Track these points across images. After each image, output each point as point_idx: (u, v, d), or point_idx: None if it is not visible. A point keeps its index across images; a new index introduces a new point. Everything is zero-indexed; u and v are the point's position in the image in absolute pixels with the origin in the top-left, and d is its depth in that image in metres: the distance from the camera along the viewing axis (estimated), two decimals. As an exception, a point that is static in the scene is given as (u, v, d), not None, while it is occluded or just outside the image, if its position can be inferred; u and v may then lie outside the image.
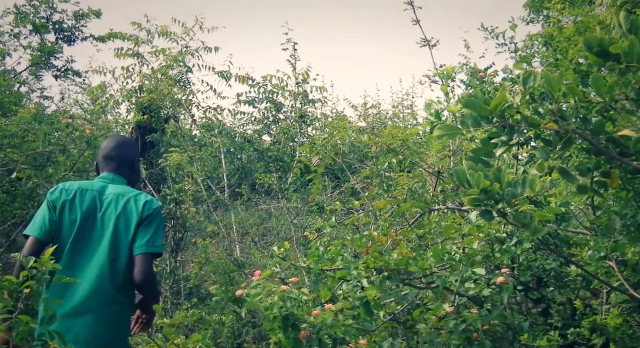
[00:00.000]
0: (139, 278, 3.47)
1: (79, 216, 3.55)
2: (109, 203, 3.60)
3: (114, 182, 3.70)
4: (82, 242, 3.54)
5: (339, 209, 5.76)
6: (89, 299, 3.44)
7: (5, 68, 10.53)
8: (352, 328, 3.16)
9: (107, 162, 3.77)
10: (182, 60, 10.08)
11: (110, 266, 3.50)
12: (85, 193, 3.61)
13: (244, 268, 6.86)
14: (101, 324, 3.46)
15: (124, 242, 3.53)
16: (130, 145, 3.95)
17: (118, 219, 3.56)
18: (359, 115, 12.66)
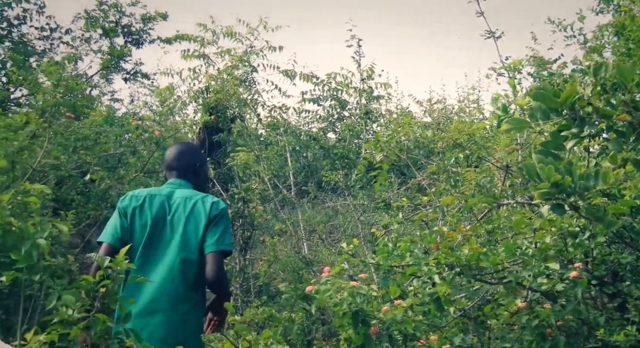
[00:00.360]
0: (210, 276, 3.55)
1: (149, 221, 3.67)
2: (177, 206, 3.71)
3: (180, 187, 3.82)
4: (153, 245, 3.65)
5: (405, 205, 5.74)
6: (161, 298, 3.54)
7: (78, 72, 10.78)
8: (423, 324, 3.15)
9: (171, 172, 3.91)
10: (247, 60, 10.18)
11: (180, 266, 3.60)
12: (154, 199, 3.73)
13: (312, 266, 6.89)
14: (174, 322, 3.55)
15: (193, 242, 3.62)
16: (191, 152, 4.04)
17: (187, 221, 3.66)
18: (424, 110, 12.58)
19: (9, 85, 11.35)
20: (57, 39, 13.35)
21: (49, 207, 6.82)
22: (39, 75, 8.17)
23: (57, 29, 13.33)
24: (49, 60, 9.42)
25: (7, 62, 11.78)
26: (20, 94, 12.23)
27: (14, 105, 11.84)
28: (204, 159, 4.11)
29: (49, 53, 12.96)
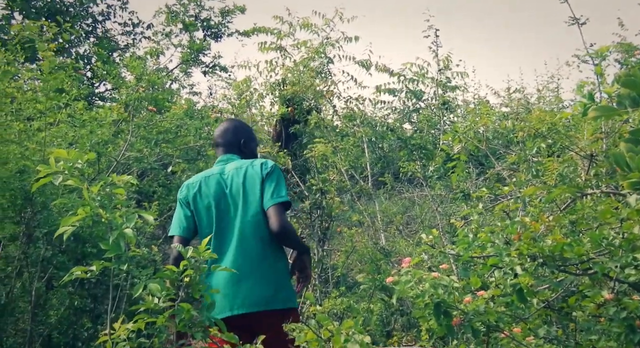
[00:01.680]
0: (275, 227, 3.66)
1: (212, 200, 3.80)
2: (231, 178, 3.84)
3: (229, 161, 3.96)
4: (223, 221, 3.77)
5: (485, 196, 5.67)
6: (244, 264, 3.66)
7: (159, 66, 11.01)
8: (506, 315, 3.12)
9: (217, 149, 4.08)
10: (323, 52, 10.21)
11: (252, 230, 3.72)
12: (209, 180, 3.86)
13: (390, 257, 6.88)
14: (262, 284, 3.67)
15: (254, 204, 3.75)
16: (235, 129, 4.14)
17: (244, 187, 3.79)
18: (502, 100, 12.39)
19: (93, 80, 11.70)
20: (139, 34, 13.72)
21: (132, 198, 7.01)
22: (122, 69, 8.39)
23: (139, 24, 13.69)
24: (132, 55, 9.65)
25: (91, 57, 12.14)
26: (105, 89, 12.60)
27: (99, 99, 12.19)
28: (249, 135, 4.18)
29: (131, 48, 13.30)
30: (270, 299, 3.65)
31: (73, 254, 5.86)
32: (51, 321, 5.87)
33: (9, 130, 5.85)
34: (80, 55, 12.43)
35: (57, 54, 7.85)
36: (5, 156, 5.64)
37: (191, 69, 12.44)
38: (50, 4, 12.26)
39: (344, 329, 2.97)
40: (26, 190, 5.59)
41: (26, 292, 5.85)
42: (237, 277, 3.61)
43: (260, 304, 3.63)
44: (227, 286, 3.63)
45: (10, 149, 5.72)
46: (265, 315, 3.59)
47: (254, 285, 3.66)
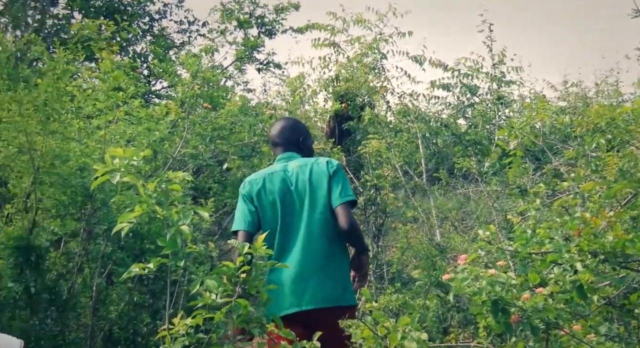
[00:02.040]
0: (343, 225, 3.73)
1: (276, 196, 3.84)
2: (296, 175, 3.87)
3: (290, 159, 3.99)
4: (287, 217, 3.82)
5: (542, 192, 5.59)
6: (311, 262, 3.72)
7: (214, 64, 11.12)
8: (565, 312, 3.07)
9: (276, 148, 4.12)
10: (376, 48, 10.17)
11: (318, 228, 3.78)
12: (272, 176, 3.90)
13: (446, 253, 6.83)
14: (329, 281, 3.73)
15: (322, 202, 3.80)
16: (292, 128, 4.18)
17: (310, 184, 3.83)
18: (559, 95, 12.18)
19: (150, 78, 11.88)
20: (195, 31, 13.87)
21: (188, 195, 7.10)
22: (178, 67, 8.49)
23: (194, 22, 13.84)
24: (187, 53, 9.75)
25: (148, 56, 12.32)
26: (161, 86, 12.78)
27: (155, 97, 12.37)
28: (306, 133, 4.23)
29: (187, 46, 13.47)
30: (337, 296, 3.72)
31: (132, 250, 5.96)
32: (111, 316, 5.98)
33: (69, 128, 5.98)
34: (137, 53, 12.64)
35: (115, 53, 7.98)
36: (65, 154, 5.77)
37: (245, 66, 12.52)
38: (109, 3, 12.50)
39: (401, 326, 2.96)
40: (86, 187, 5.70)
41: (87, 287, 5.97)
42: (304, 273, 3.69)
43: (328, 301, 3.69)
44: (294, 282, 3.69)
45: (71, 147, 5.85)
46: (331, 312, 3.61)
47: (322, 281, 3.71)
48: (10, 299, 5.47)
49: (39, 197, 5.88)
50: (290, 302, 3.67)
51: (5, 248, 5.49)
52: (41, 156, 5.69)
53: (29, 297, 5.55)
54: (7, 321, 5.38)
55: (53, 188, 5.80)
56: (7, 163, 5.86)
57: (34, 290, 5.50)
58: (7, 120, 5.70)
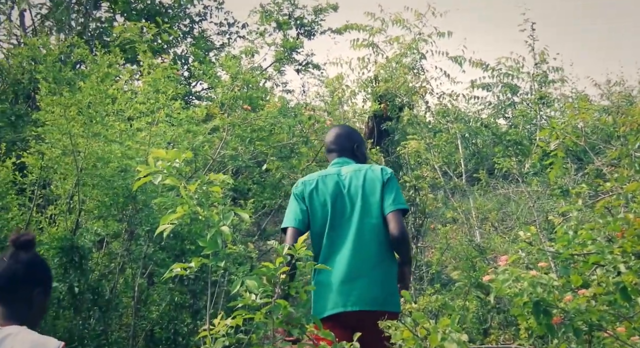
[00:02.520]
0: (394, 232, 3.78)
1: (328, 198, 3.90)
2: (350, 179, 3.95)
3: (345, 164, 4.08)
4: (337, 219, 3.87)
5: (584, 192, 5.52)
6: (360, 264, 3.77)
7: (253, 65, 11.18)
8: (609, 314, 3.03)
9: (331, 154, 4.20)
10: (415, 48, 10.13)
11: (369, 232, 3.83)
12: (326, 179, 3.98)
13: (485, 254, 6.79)
14: (377, 284, 3.77)
15: (374, 207, 3.86)
16: (347, 135, 4.27)
17: (364, 190, 3.89)
18: (602, 93, 12.00)
19: (190, 80, 11.97)
20: (235, 33, 13.95)
21: (228, 196, 7.15)
22: (218, 69, 8.55)
23: (234, 24, 13.92)
24: (227, 55, 9.81)
25: (188, 57, 12.43)
26: (201, 88, 12.87)
27: (195, 99, 12.47)
28: (360, 140, 4.31)
29: (227, 47, 13.55)
30: (384, 301, 3.75)
31: (173, 251, 6.02)
32: (153, 316, 6.05)
33: (112, 131, 6.06)
34: (178, 55, 12.75)
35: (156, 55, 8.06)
36: (108, 156, 5.84)
37: (284, 67, 12.56)
38: (150, 6, 12.62)
39: (441, 327, 2.95)
40: (128, 189, 5.78)
41: (129, 287, 6.05)
42: (352, 274, 3.74)
43: (374, 304, 3.72)
44: (342, 282, 3.73)
45: (113, 149, 5.92)
46: (375, 315, 3.56)
47: (369, 284, 3.75)
48: (55, 299, 5.56)
49: (82, 199, 5.98)
50: (336, 302, 3.72)
51: (50, 248, 5.58)
52: (84, 158, 5.77)
53: (72, 297, 5.64)
54: (52, 320, 5.47)
55: (96, 189, 5.89)
56: (51, 165, 5.96)
57: (77, 290, 5.59)
58: (52, 122, 5.79)
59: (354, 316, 3.70)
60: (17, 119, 8.51)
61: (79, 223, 5.94)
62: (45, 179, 6.27)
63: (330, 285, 3.70)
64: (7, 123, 8.50)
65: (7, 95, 9.27)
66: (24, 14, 11.92)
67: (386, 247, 3.85)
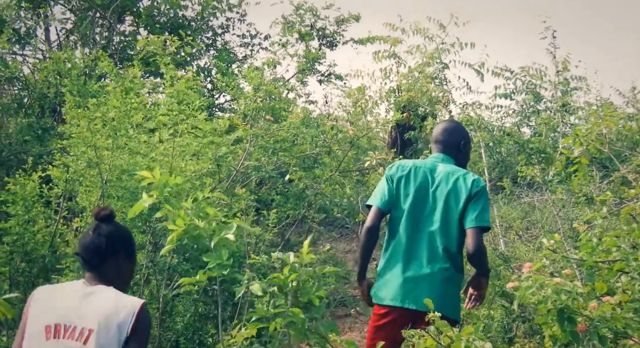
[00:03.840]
0: (471, 249, 3.79)
1: (413, 190, 3.94)
2: (440, 180, 3.95)
3: (443, 161, 4.06)
4: (416, 214, 3.92)
5: (609, 200, 5.48)
6: (425, 265, 3.82)
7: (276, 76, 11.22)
8: (634, 321, 3.01)
9: (436, 145, 4.17)
10: (438, 57, 10.13)
11: (442, 237, 3.86)
12: (419, 170, 3.99)
13: (510, 263, 6.75)
14: (437, 288, 3.80)
15: (454, 216, 3.87)
16: (456, 130, 4.26)
17: (449, 195, 3.90)
18: (627, 101, 11.91)
19: (213, 92, 12.04)
20: (257, 45, 14.01)
21: (252, 207, 7.17)
22: (241, 80, 8.61)
23: (256, 36, 13.98)
24: (250, 66, 9.87)
25: (211, 70, 12.50)
26: (224, 100, 12.94)
27: (219, 110, 12.53)
28: (468, 138, 4.31)
29: (249, 59, 13.61)
30: (443, 304, 3.64)
31: (196, 262, 6.04)
32: (178, 327, 6.06)
33: (135, 143, 6.11)
34: (201, 67, 12.83)
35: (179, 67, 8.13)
36: (132, 168, 5.89)
37: (307, 78, 12.57)
38: (173, 19, 12.72)
39: (464, 335, 2.95)
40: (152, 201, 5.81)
41: (154, 298, 6.07)
42: (418, 273, 3.81)
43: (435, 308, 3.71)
44: (406, 279, 3.81)
45: (137, 161, 5.97)
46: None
47: (431, 287, 3.79)
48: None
49: (107, 211, 6.01)
50: (395, 296, 3.81)
51: (75, 261, 5.62)
52: (109, 170, 5.83)
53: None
54: (78, 332, 5.51)
55: (120, 201, 5.93)
56: (76, 177, 6.02)
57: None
58: (77, 135, 5.86)
59: (410, 314, 3.75)
60: (44, 132, 8.63)
61: (104, 235, 5.97)
62: (70, 192, 6.33)
63: (394, 277, 3.79)
64: (34, 136, 8.62)
65: (34, 109, 9.41)
66: (49, 29, 12.09)
67: (456, 257, 3.89)
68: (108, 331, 2.62)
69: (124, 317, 2.66)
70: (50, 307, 2.72)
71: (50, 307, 2.72)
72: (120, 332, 2.63)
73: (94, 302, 2.71)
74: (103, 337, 2.62)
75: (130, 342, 2.64)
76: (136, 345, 2.65)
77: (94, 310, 2.68)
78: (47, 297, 2.79)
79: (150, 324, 2.79)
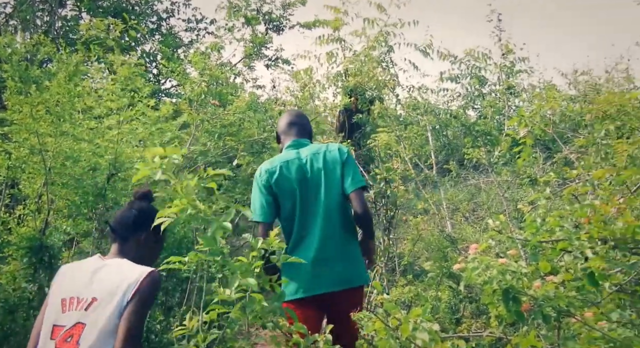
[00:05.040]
0: (358, 209, 3.92)
1: (294, 184, 4.00)
2: (310, 162, 4.04)
3: (300, 145, 4.16)
4: (306, 204, 3.99)
5: (553, 180, 5.58)
6: (328, 246, 3.90)
7: (222, 61, 11.13)
8: (577, 300, 3.07)
9: (291, 127, 4.27)
10: (383, 40, 10.16)
11: (335, 213, 3.97)
12: (288, 164, 4.05)
13: (457, 244, 6.84)
14: (345, 264, 3.93)
15: (337, 187, 4.00)
16: (300, 115, 4.41)
17: (326, 171, 4.01)
18: (569, 83, 12.13)
19: (159, 77, 11.90)
20: (203, 29, 13.89)
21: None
22: (187, 66, 8.51)
23: (202, 20, 13.86)
24: (195, 51, 9.76)
25: (157, 55, 12.35)
26: (170, 85, 12.80)
27: (165, 96, 12.40)
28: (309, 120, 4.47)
29: (195, 44, 13.48)
30: (353, 278, 3.92)
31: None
32: (125, 314, 5.99)
33: (80, 129, 6.01)
34: (146, 52, 12.67)
35: (124, 52, 7.98)
36: (77, 154, 5.79)
37: (254, 63, 12.53)
38: (117, 3, 12.53)
39: (412, 317, 2.97)
40: (98, 187, 5.73)
41: (101, 286, 5.98)
42: (323, 257, 3.87)
43: (345, 283, 3.88)
44: (314, 266, 3.84)
45: (82, 147, 5.87)
46: (346, 292, 3.86)
47: (339, 265, 3.89)
48: (25, 299, 5.51)
49: (51, 198, 5.92)
50: (308, 286, 3.85)
51: (19, 248, 5.52)
52: (53, 157, 5.72)
53: (43, 297, 5.58)
54: (22, 321, 5.42)
55: (65, 188, 5.83)
56: (19, 164, 5.89)
57: (47, 290, 5.52)
58: (19, 122, 5.73)
59: (326, 296, 3.83)
60: (-16, 119, 8.40)
61: (48, 223, 5.88)
62: (13, 179, 6.20)
63: (301, 268, 3.77)
64: (-26, 123, 8.39)
65: (-27, 95, 9.15)
66: (-13, 13, 11.79)
67: (349, 225, 4.02)
68: (112, 299, 2.75)
69: (129, 284, 2.79)
70: (67, 282, 2.90)
71: (68, 282, 2.90)
72: (123, 298, 2.75)
73: (104, 274, 2.86)
74: (105, 304, 2.74)
75: (128, 305, 2.74)
76: (132, 307, 2.74)
77: (101, 281, 2.83)
78: (67, 272, 2.98)
79: (155, 291, 2.87)
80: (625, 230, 2.96)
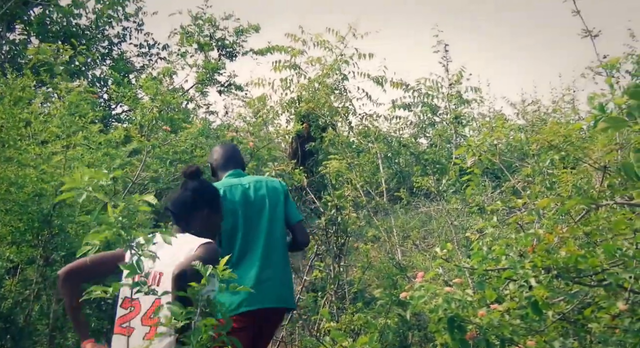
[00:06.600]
0: (305, 240, 4.54)
1: (237, 206, 4.27)
2: (254, 189, 4.35)
3: (241, 175, 4.48)
4: (248, 226, 4.25)
5: (500, 209, 5.65)
6: (269, 267, 4.22)
7: (174, 86, 11.09)
8: (521, 328, 3.10)
9: (228, 161, 4.57)
10: (337, 69, 10.23)
11: (277, 237, 4.32)
12: (232, 188, 4.32)
13: (407, 272, 6.86)
14: (283, 283, 4.30)
15: (279, 214, 4.37)
16: (235, 149, 4.79)
17: (269, 198, 4.36)
18: (517, 113, 12.35)
19: (110, 102, 11.79)
20: (155, 55, 13.82)
21: (150, 219, 7.03)
22: (138, 91, 8.45)
23: (154, 46, 13.79)
24: (147, 76, 9.70)
25: (108, 80, 12.24)
26: (121, 110, 12.69)
27: (115, 121, 12.27)
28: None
29: (147, 69, 13.40)
30: (288, 299, 4.30)
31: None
32: (69, 344, 5.87)
33: (25, 155, 5.90)
34: (97, 77, 12.54)
35: (73, 77, 7.91)
36: (22, 180, 5.68)
37: (207, 89, 12.50)
38: (66, 28, 12.40)
39: (359, 345, 2.97)
40: (44, 214, 5.63)
41: (44, 315, 5.86)
42: (265, 276, 4.16)
43: (283, 301, 4.24)
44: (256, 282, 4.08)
45: (27, 173, 5.76)
46: (280, 311, 4.30)
47: (280, 284, 4.23)
48: (-34, 328, 5.37)
49: (-6, 225, 5.78)
50: (251, 300, 4.05)
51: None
52: (-4, 183, 5.60)
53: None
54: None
55: (9, 215, 5.71)
56: (-39, 190, 5.75)
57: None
58: (-38, 147, 5.61)
59: (265, 312, 4.11)
60: None
61: (-8, 250, 5.75)
62: (-45, 205, 6.04)
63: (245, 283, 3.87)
64: None
65: None
66: None
67: (286, 251, 4.43)
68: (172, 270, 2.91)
69: (184, 255, 3.00)
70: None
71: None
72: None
73: (168, 248, 2.95)
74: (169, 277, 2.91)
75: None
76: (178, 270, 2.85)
77: (164, 255, 2.96)
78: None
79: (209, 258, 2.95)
80: (568, 259, 3.00)
